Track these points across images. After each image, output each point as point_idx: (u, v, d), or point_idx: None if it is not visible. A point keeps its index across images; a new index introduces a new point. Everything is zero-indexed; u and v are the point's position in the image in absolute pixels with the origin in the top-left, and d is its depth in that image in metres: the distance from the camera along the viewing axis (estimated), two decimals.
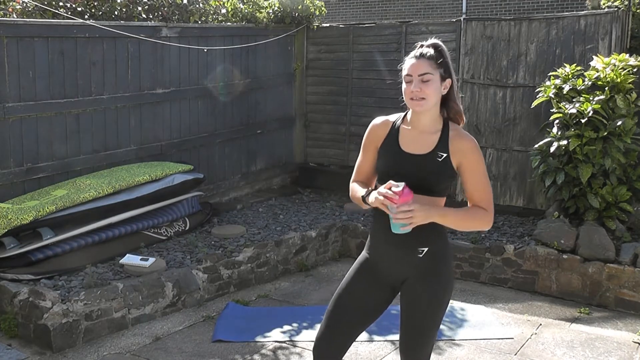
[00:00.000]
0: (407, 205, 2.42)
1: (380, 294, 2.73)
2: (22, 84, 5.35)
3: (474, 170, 2.62)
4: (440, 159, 2.60)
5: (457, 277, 5.86)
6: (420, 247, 2.60)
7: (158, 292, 4.83)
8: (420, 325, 2.66)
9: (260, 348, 4.38)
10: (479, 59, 6.99)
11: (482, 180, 2.63)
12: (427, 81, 2.55)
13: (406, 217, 2.43)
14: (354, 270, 2.78)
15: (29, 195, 5.24)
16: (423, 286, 2.64)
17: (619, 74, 5.65)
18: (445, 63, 2.59)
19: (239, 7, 7.51)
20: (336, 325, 2.70)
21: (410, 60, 2.61)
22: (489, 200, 2.63)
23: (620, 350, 4.40)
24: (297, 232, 6.13)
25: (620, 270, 5.15)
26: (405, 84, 2.61)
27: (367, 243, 2.81)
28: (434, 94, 2.57)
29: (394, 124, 2.73)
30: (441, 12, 14.58)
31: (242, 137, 7.58)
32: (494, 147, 7.00)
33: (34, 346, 4.27)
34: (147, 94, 6.40)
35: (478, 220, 2.62)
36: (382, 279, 2.72)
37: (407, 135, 2.68)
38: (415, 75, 2.56)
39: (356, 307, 2.71)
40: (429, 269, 2.63)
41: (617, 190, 5.62)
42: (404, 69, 2.63)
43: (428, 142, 2.63)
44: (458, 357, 4.29)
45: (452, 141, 2.62)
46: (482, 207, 2.62)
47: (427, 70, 2.55)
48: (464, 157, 2.61)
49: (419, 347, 2.69)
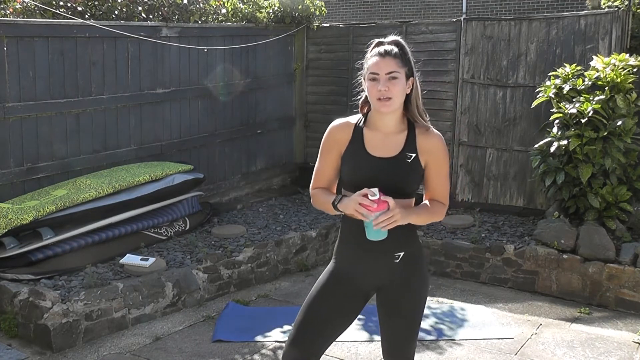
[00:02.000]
0: (385, 213, 2.38)
1: (352, 303, 2.63)
2: (22, 84, 5.35)
3: (440, 168, 2.59)
4: (410, 159, 2.53)
5: (457, 277, 5.87)
6: (396, 252, 2.55)
7: (158, 292, 4.83)
8: (406, 328, 2.64)
9: (260, 348, 4.38)
10: (479, 58, 6.99)
11: (446, 176, 2.62)
12: (394, 79, 2.45)
13: (388, 223, 2.39)
14: (324, 280, 2.66)
15: (29, 195, 5.24)
16: (403, 290, 2.60)
17: (619, 74, 5.65)
18: (409, 61, 2.51)
19: (239, 7, 7.51)
20: (304, 337, 2.59)
21: (374, 58, 2.48)
22: (447, 195, 2.65)
23: (621, 350, 4.40)
24: (297, 232, 6.13)
25: (620, 270, 5.15)
26: (369, 82, 2.50)
27: (336, 251, 2.69)
28: (400, 93, 2.48)
29: (356, 126, 2.61)
30: (441, 12, 14.58)
31: (242, 137, 7.58)
32: (494, 147, 7.00)
33: (34, 346, 4.27)
34: (147, 93, 6.40)
35: (438, 215, 2.62)
36: (355, 288, 2.62)
37: (372, 138, 2.57)
38: (382, 74, 2.45)
39: (326, 320, 2.60)
40: (407, 273, 2.59)
41: (617, 190, 5.62)
42: (367, 67, 2.51)
43: (395, 143, 2.55)
44: (458, 357, 4.29)
45: (420, 140, 2.56)
46: (440, 202, 2.62)
47: (394, 69, 2.45)
48: (431, 155, 2.56)
49: (407, 349, 2.68)
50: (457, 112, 7.15)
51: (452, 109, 7.18)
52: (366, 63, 2.54)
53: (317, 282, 2.68)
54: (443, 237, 6.09)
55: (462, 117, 7.14)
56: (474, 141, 7.11)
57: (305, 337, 2.60)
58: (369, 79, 2.50)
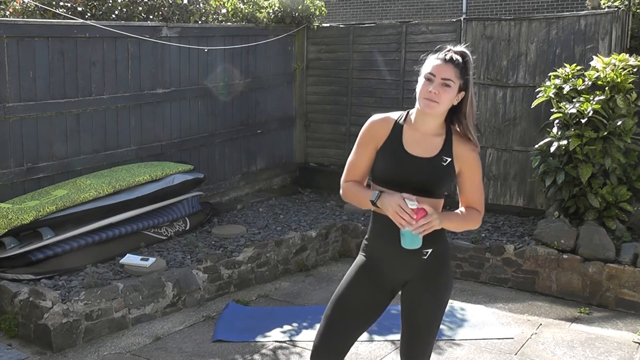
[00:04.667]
0: (425, 218, 2.43)
1: (380, 296, 2.69)
2: (22, 84, 5.35)
3: (474, 174, 2.64)
4: (445, 163, 2.58)
5: (457, 277, 5.86)
6: (424, 249, 2.58)
7: (158, 292, 4.83)
8: (426, 326, 2.67)
9: (260, 348, 4.38)
10: (479, 59, 6.99)
11: (480, 184, 2.67)
12: (447, 86, 2.51)
13: (426, 228, 2.44)
14: (353, 273, 2.72)
15: (29, 195, 5.24)
16: (427, 287, 2.64)
17: (619, 74, 5.65)
18: (467, 76, 2.56)
19: (239, 7, 7.52)
20: (335, 330, 2.64)
21: (436, 61, 2.56)
22: (483, 202, 2.69)
23: (621, 350, 4.40)
24: (297, 232, 6.13)
25: (620, 270, 5.15)
26: (424, 81, 2.55)
27: (365, 245, 2.74)
28: (447, 101, 2.54)
29: (396, 122, 2.66)
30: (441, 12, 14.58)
31: (242, 137, 7.59)
32: (494, 147, 7.00)
33: (34, 346, 4.27)
34: (148, 94, 6.40)
35: (474, 222, 2.67)
36: (382, 282, 2.68)
37: (410, 137, 2.62)
38: (438, 77, 2.52)
39: (355, 311, 2.65)
40: (433, 270, 2.64)
41: (617, 190, 5.62)
42: (427, 65, 2.57)
43: (432, 145, 2.60)
44: (458, 357, 4.29)
45: (456, 147, 2.61)
46: (476, 209, 2.66)
47: (450, 77, 2.52)
48: (466, 162, 2.61)
49: (425, 348, 2.71)
50: None
51: None
52: (428, 62, 2.59)
53: (346, 275, 2.73)
54: None
55: None
56: None
57: (335, 329, 2.64)
58: (425, 77, 2.56)
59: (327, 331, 2.65)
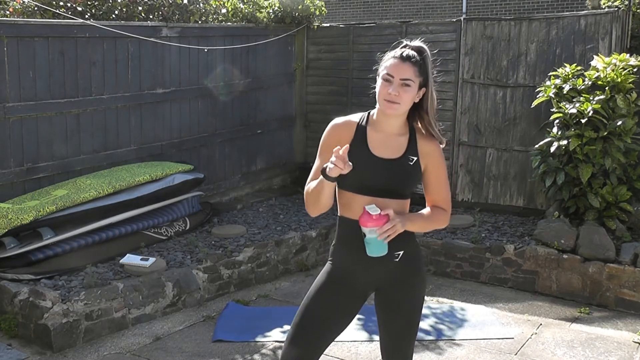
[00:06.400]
0: (388, 223, 2.38)
1: (350, 303, 2.61)
2: (22, 84, 5.34)
3: (439, 171, 2.59)
4: (412, 162, 2.53)
5: (457, 277, 5.87)
6: (395, 252, 2.53)
7: (158, 292, 4.83)
8: (406, 327, 2.64)
9: (260, 348, 4.38)
10: (479, 58, 6.99)
11: (445, 181, 2.62)
12: (406, 86, 2.44)
13: (390, 234, 2.39)
14: (321, 281, 2.63)
15: (29, 195, 5.24)
16: (402, 289, 2.60)
17: (619, 74, 5.65)
18: (427, 72, 2.48)
19: (239, 7, 7.52)
20: (304, 338, 2.57)
21: (393, 60, 2.48)
22: (449, 200, 2.63)
23: (621, 350, 4.40)
24: (298, 232, 6.13)
25: (620, 270, 5.15)
26: (381, 81, 2.48)
27: (333, 251, 2.66)
28: (408, 101, 2.47)
29: (359, 125, 2.57)
30: (441, 12, 14.58)
31: (243, 137, 7.58)
32: (494, 147, 7.00)
33: (34, 346, 4.27)
34: (148, 93, 6.40)
35: (440, 222, 2.61)
36: (353, 287, 2.60)
37: (375, 138, 2.54)
38: (397, 78, 2.44)
39: (324, 320, 2.57)
40: (406, 272, 2.59)
41: (617, 190, 5.62)
42: (384, 66, 2.50)
43: (397, 145, 2.54)
44: (458, 357, 4.29)
45: (421, 144, 2.56)
46: (442, 208, 2.61)
47: (409, 76, 2.44)
48: (430, 159, 2.57)
49: (406, 349, 2.68)
50: (457, 112, 7.15)
51: (452, 109, 7.18)
52: (384, 61, 2.52)
53: (314, 283, 2.67)
54: (443, 237, 6.09)
55: (462, 117, 7.14)
56: (474, 141, 7.11)
57: (303, 337, 2.58)
58: (382, 77, 2.49)
59: (295, 341, 2.57)
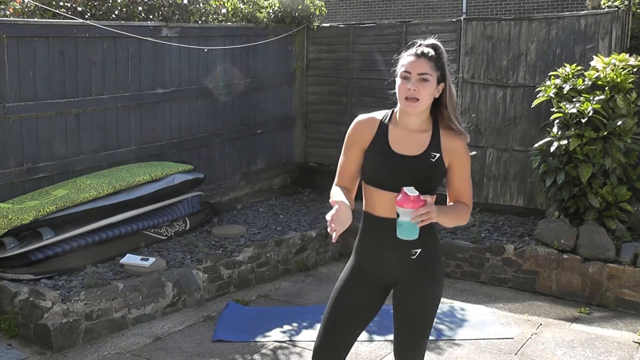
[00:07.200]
0: (425, 207, 2.39)
1: (375, 295, 2.69)
2: (22, 84, 5.34)
3: (463, 168, 2.62)
4: (434, 159, 2.55)
5: (457, 277, 5.87)
6: (413, 249, 2.58)
7: (158, 292, 4.83)
8: (418, 325, 2.66)
9: (260, 348, 4.38)
10: (479, 58, 6.99)
11: (469, 178, 2.65)
12: (425, 81, 2.48)
13: (425, 218, 2.40)
14: (346, 275, 2.73)
15: (29, 195, 5.24)
16: (418, 287, 2.63)
17: (619, 74, 5.65)
18: (443, 67, 2.53)
19: (239, 7, 7.51)
20: (335, 331, 2.65)
21: (409, 58, 2.53)
22: (471, 197, 2.67)
23: (621, 350, 4.40)
24: (298, 232, 6.13)
25: (620, 270, 5.15)
26: (400, 80, 2.53)
27: (357, 246, 2.75)
28: (428, 96, 2.51)
29: (381, 122, 2.63)
30: (441, 12, 14.58)
31: (243, 137, 7.58)
32: (494, 147, 7.00)
33: (34, 346, 4.27)
34: (148, 93, 6.40)
35: (464, 217, 2.64)
36: (375, 281, 2.68)
37: (396, 135, 2.59)
38: (415, 74, 2.48)
39: (353, 312, 2.66)
40: (422, 270, 2.62)
41: (617, 190, 5.62)
42: (401, 64, 2.54)
43: (419, 142, 2.57)
44: (458, 357, 4.29)
45: (444, 140, 2.58)
46: (465, 204, 2.64)
47: (427, 71, 2.48)
48: (454, 156, 2.59)
49: (418, 347, 2.70)
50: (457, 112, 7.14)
51: None
52: (401, 61, 2.56)
53: (340, 278, 2.75)
54: (443, 237, 6.09)
55: (462, 117, 7.14)
56: (474, 141, 7.10)
57: (334, 332, 2.65)
58: (401, 76, 2.53)
59: (327, 333, 2.67)
